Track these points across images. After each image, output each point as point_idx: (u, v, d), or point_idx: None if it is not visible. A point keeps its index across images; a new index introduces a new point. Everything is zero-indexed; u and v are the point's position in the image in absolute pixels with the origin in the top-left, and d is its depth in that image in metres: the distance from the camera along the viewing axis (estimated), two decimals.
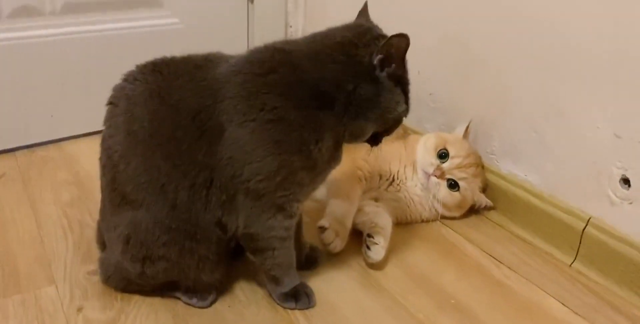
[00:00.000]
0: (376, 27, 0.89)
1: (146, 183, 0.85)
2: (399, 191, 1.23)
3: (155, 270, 0.90)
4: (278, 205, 0.87)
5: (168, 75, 0.88)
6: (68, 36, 1.44)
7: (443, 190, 1.19)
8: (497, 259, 1.13)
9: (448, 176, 1.19)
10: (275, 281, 0.96)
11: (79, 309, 0.94)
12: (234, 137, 0.83)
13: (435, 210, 1.22)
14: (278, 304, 0.97)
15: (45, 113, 1.48)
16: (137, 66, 0.91)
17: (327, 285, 1.03)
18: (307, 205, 1.14)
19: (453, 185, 1.19)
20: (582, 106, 1.07)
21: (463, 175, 1.20)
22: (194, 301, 0.96)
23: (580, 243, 1.10)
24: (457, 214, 1.24)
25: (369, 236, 1.07)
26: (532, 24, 1.13)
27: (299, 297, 0.97)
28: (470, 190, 1.21)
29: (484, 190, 1.25)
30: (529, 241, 1.18)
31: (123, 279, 0.95)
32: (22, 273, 1.02)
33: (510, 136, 1.23)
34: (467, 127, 1.27)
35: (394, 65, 0.85)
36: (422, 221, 1.24)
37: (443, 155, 1.21)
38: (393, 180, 1.24)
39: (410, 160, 1.24)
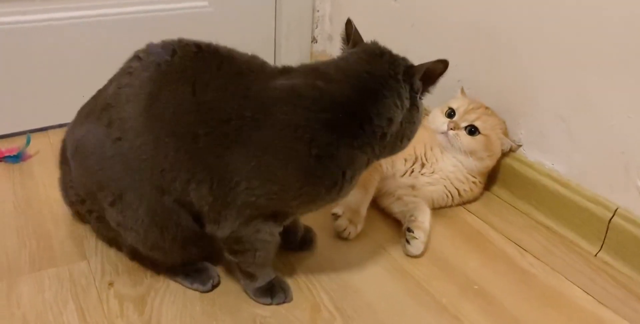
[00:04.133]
0: (389, 50, 0.88)
1: (148, 160, 0.84)
2: (433, 172, 1.24)
3: (126, 235, 0.92)
4: (274, 215, 0.88)
5: (208, 70, 0.85)
6: (102, 18, 1.47)
7: (464, 138, 1.21)
8: (521, 247, 1.13)
9: (463, 124, 1.22)
10: (250, 276, 0.94)
11: (110, 284, 0.97)
12: (266, 162, 0.81)
13: (473, 176, 1.24)
14: (253, 300, 0.96)
15: (77, 93, 1.50)
16: (181, 41, 0.88)
17: (352, 270, 1.04)
18: None
19: (472, 131, 1.22)
20: (612, 94, 1.06)
21: (474, 115, 1.23)
22: (195, 285, 0.97)
23: (606, 232, 1.09)
24: (490, 161, 1.24)
25: (409, 230, 1.08)
26: (561, 11, 1.11)
27: (275, 292, 0.95)
28: (490, 128, 1.23)
29: (505, 134, 1.27)
30: (555, 230, 1.18)
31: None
32: (56, 248, 1.06)
33: (537, 125, 1.22)
34: (462, 89, 1.33)
35: (430, 87, 0.89)
36: (461, 198, 1.25)
37: (451, 114, 1.25)
38: (424, 164, 1.24)
39: (434, 141, 1.25)
